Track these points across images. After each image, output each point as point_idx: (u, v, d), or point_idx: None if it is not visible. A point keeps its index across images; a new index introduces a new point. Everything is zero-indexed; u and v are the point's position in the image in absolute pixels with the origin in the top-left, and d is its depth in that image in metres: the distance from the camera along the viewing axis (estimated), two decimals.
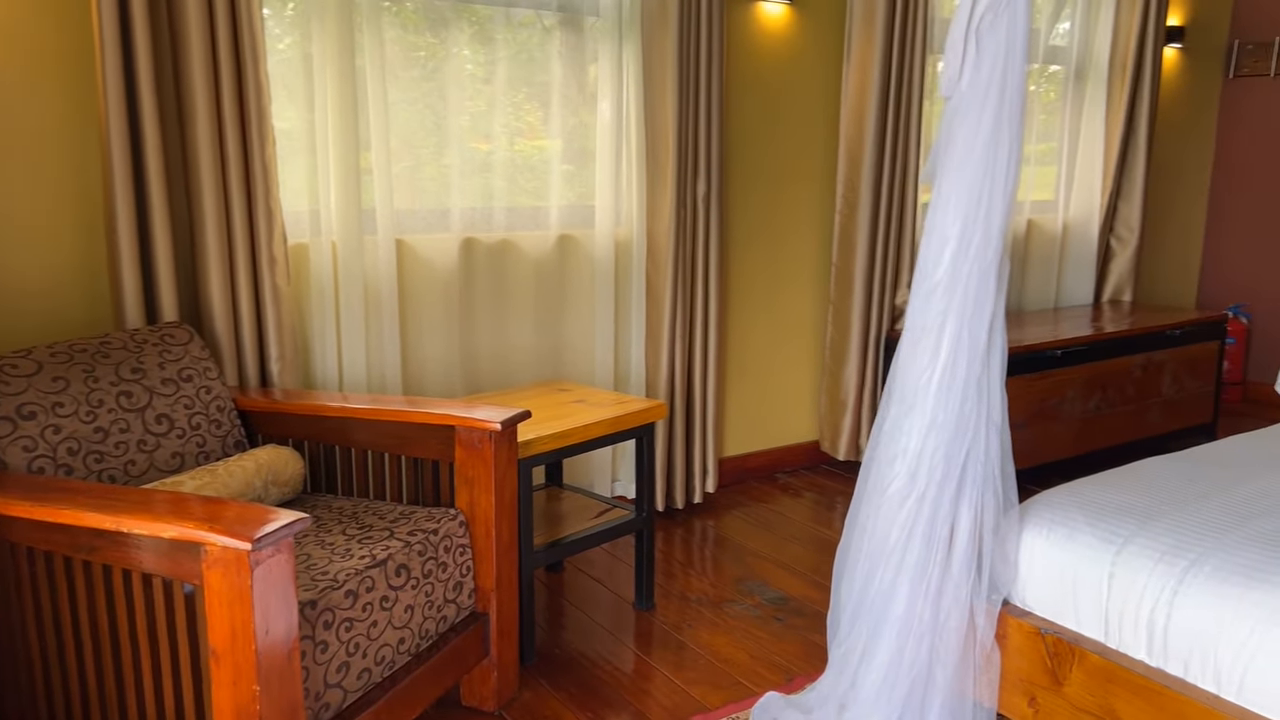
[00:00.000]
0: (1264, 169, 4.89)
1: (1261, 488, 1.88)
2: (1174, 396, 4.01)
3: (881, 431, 1.87)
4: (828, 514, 3.44)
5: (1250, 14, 4.87)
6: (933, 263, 1.78)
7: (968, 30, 1.74)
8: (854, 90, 3.58)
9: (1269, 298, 4.91)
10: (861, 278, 3.67)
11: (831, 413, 3.81)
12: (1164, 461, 2.10)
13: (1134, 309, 4.34)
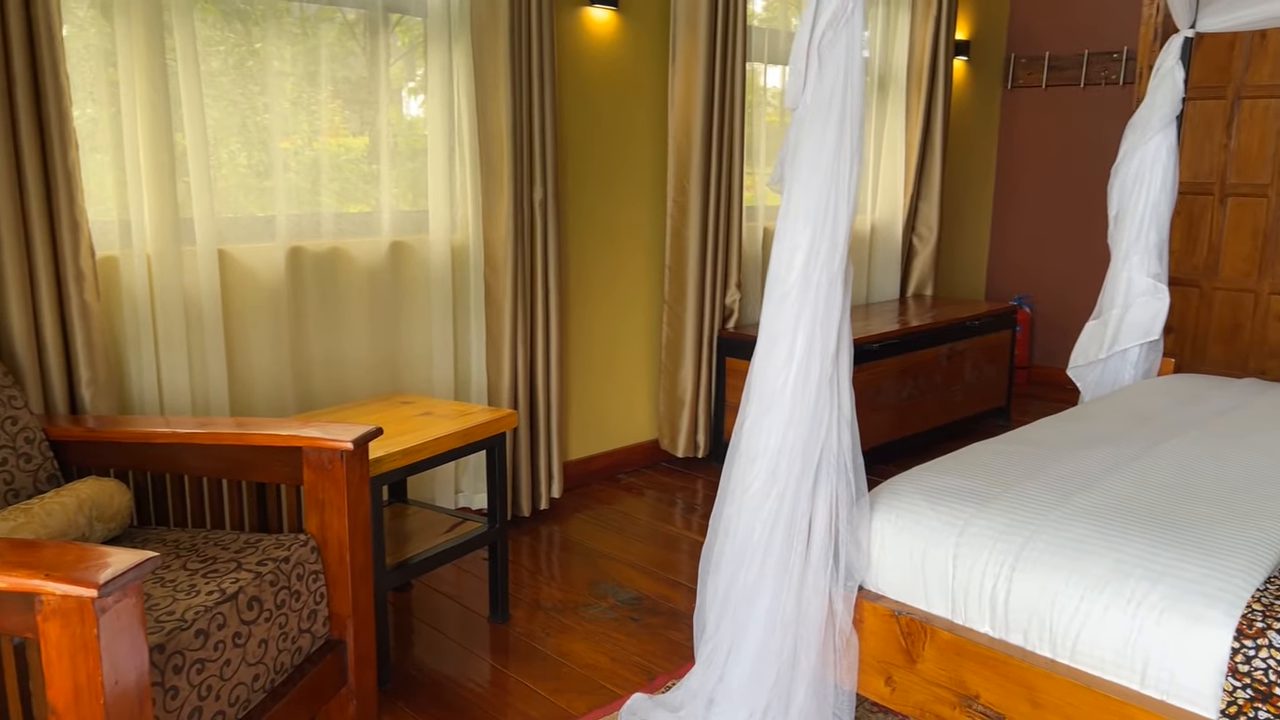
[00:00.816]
0: (1038, 171, 5.39)
1: (1072, 467, 2.07)
2: (975, 382, 4.35)
3: (741, 432, 1.92)
4: (670, 510, 3.51)
5: (1023, 30, 5.35)
6: (785, 269, 1.85)
7: (810, 46, 1.82)
8: (681, 95, 3.66)
9: (1048, 288, 5.42)
10: (694, 278, 3.77)
11: (670, 411, 3.89)
12: (987, 446, 2.28)
13: (935, 303, 4.67)
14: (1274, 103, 4.68)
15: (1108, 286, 3.18)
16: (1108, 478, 1.99)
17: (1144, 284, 3.08)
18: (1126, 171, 3.10)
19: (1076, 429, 2.39)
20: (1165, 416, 2.47)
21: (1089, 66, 5.12)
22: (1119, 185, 3.13)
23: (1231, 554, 1.62)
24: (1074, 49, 5.17)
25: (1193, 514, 1.80)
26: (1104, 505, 1.84)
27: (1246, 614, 1.49)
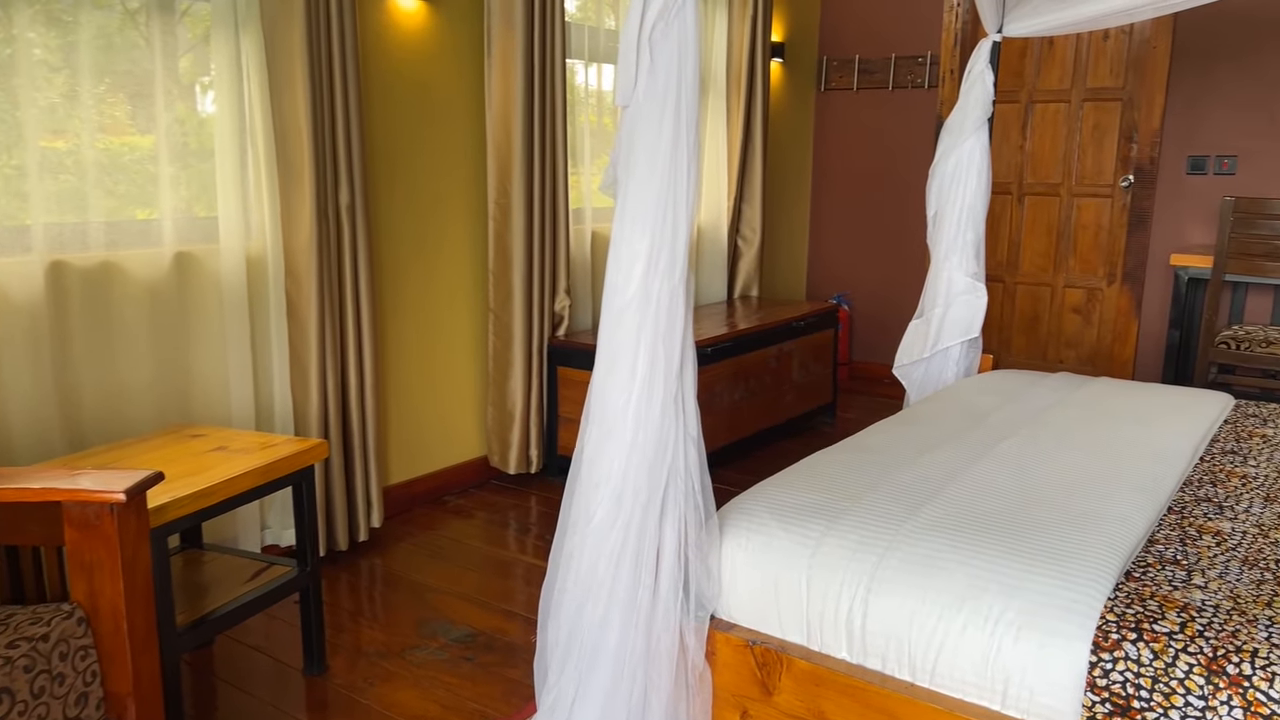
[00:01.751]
0: (851, 172, 5.52)
1: (914, 474, 2.04)
2: (802, 381, 4.37)
3: (582, 459, 1.76)
4: (502, 533, 3.31)
5: (833, 34, 5.46)
6: (623, 280, 1.70)
7: (639, 38, 1.67)
8: (499, 93, 3.46)
9: (864, 285, 5.56)
10: (520, 285, 3.58)
11: (499, 426, 3.68)
12: (827, 455, 2.22)
13: (761, 304, 4.68)
14: (1063, 106, 4.97)
15: (929, 286, 3.23)
16: (950, 485, 1.96)
17: (963, 283, 3.15)
18: (943, 173, 3.16)
19: (911, 433, 2.37)
20: (994, 416, 2.50)
21: (896, 70, 5.28)
22: (936, 186, 3.19)
23: (1080, 562, 1.60)
24: (882, 53, 5.32)
25: (1037, 520, 1.78)
26: (952, 516, 1.80)
27: (1101, 625, 1.47)
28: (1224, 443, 2.37)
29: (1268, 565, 1.65)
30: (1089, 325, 5.05)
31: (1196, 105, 4.56)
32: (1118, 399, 2.66)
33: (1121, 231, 4.87)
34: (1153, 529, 1.81)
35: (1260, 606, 1.50)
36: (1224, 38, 4.43)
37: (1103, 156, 4.89)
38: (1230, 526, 1.83)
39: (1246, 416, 2.62)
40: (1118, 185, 4.85)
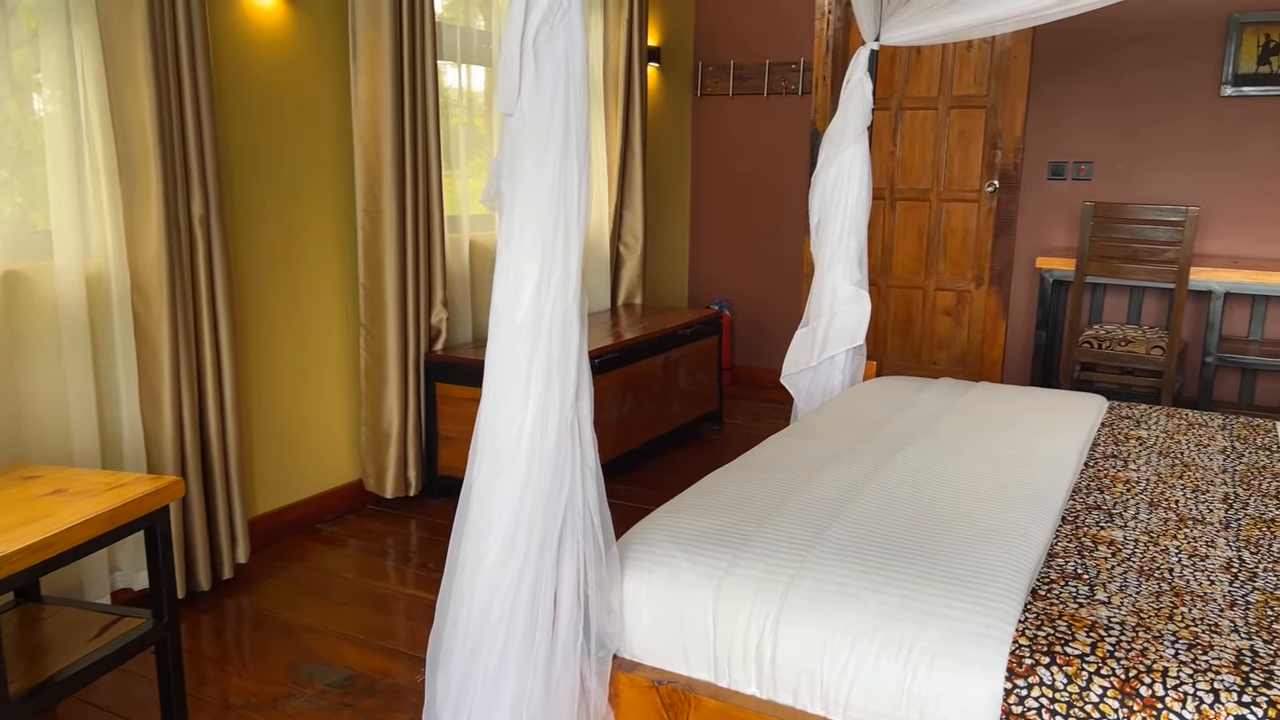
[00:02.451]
0: (729, 177, 5.52)
1: (815, 493, 1.99)
2: (689, 389, 4.33)
3: (471, 495, 1.63)
4: (380, 563, 3.12)
5: (709, 39, 5.45)
6: (511, 302, 1.58)
7: (523, 44, 1.56)
8: (366, 95, 3.27)
9: (744, 291, 5.58)
10: (394, 298, 3.39)
11: (374, 447, 3.48)
12: (726, 475, 2.15)
13: (645, 312, 4.61)
14: (930, 114, 5.09)
15: (814, 295, 3.22)
16: (852, 503, 1.92)
17: (847, 291, 3.15)
18: (825, 181, 3.15)
19: (806, 447, 2.33)
20: (885, 426, 2.49)
21: (771, 76, 5.30)
22: (819, 195, 3.18)
23: (989, 584, 1.58)
24: (756, 59, 5.33)
25: (941, 539, 1.76)
26: (857, 538, 1.76)
27: (1014, 651, 1.44)
28: (1103, 446, 2.43)
29: (1163, 575, 1.67)
30: (960, 326, 5.19)
31: (1056, 113, 4.74)
32: (1000, 405, 2.70)
33: (988, 235, 5.03)
34: (1051, 541, 1.81)
35: (1163, 621, 1.50)
36: (1080, 49, 4.62)
37: (969, 162, 5.04)
38: (1122, 535, 1.85)
39: (1120, 419, 2.70)
40: (984, 190, 5.01)
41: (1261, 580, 1.66)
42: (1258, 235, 4.40)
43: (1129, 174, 4.63)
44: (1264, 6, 4.23)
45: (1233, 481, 2.17)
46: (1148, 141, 4.56)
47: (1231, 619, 1.51)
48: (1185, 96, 4.46)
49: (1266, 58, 4.27)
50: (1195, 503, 2.03)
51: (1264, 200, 4.37)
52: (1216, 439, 2.51)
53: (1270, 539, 1.84)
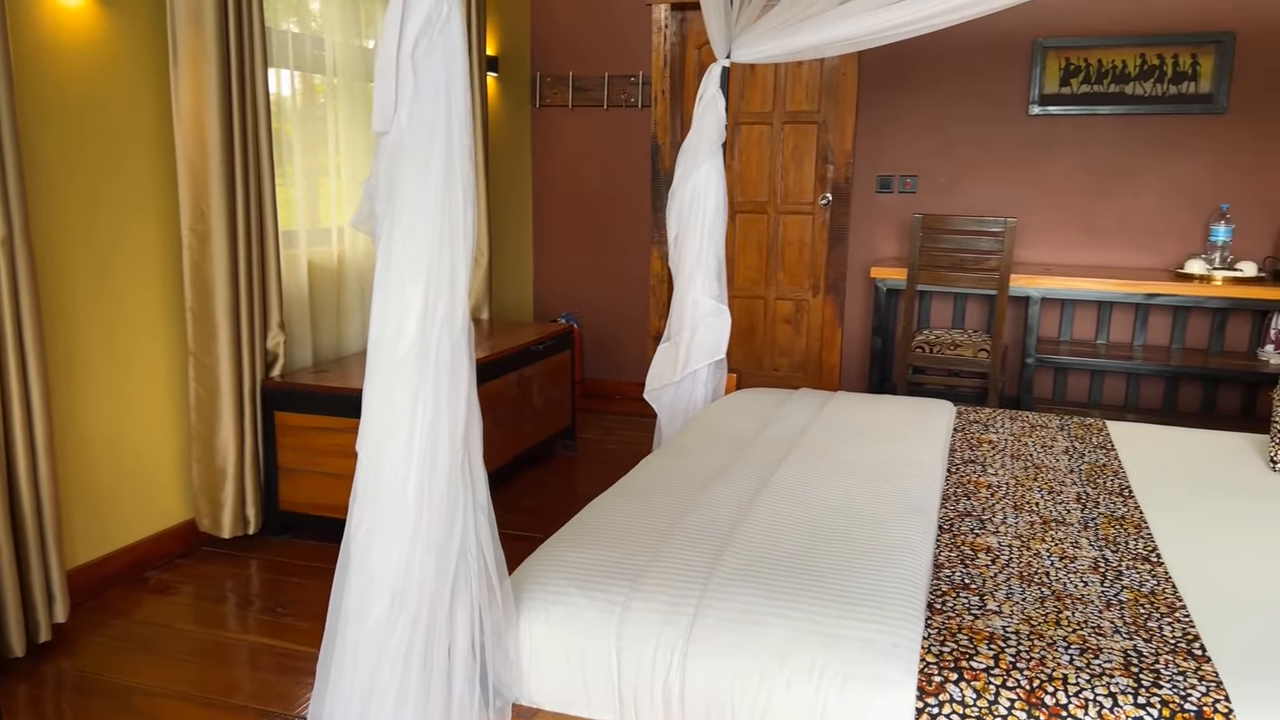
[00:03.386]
0: (572, 189, 5.48)
1: (703, 516, 1.96)
2: (543, 406, 4.24)
3: (351, 548, 1.50)
4: (219, 609, 2.87)
5: (546, 50, 5.38)
6: (393, 334, 1.46)
7: (399, 57, 1.45)
8: (190, 104, 3.01)
9: (591, 302, 5.54)
10: (225, 321, 3.14)
11: (208, 484, 3.20)
12: (610, 502, 2.09)
13: (494, 327, 4.49)
14: (765, 128, 5.22)
15: (674, 309, 3.21)
16: (743, 524, 1.90)
17: (708, 305, 3.16)
18: (682, 196, 3.15)
19: (683, 467, 2.31)
20: (758, 441, 2.50)
21: (610, 88, 5.30)
22: (677, 210, 3.18)
23: (890, 601, 1.59)
24: (595, 71, 5.31)
25: (835, 557, 1.77)
26: (755, 561, 1.74)
27: (923, 669, 1.45)
28: (960, 452, 2.53)
29: (1042, 580, 1.74)
30: (799, 334, 5.35)
31: (882, 129, 4.97)
32: (860, 414, 2.77)
33: (823, 246, 5.21)
34: (935, 552, 1.86)
35: (1051, 626, 1.56)
36: (902, 69, 4.86)
37: (803, 176, 5.20)
38: (996, 541, 1.93)
39: (969, 423, 2.83)
40: (818, 203, 5.18)
41: (1127, 579, 1.76)
42: (1065, 243, 4.76)
43: (950, 187, 4.90)
44: (1064, 31, 4.58)
45: (1081, 481, 2.31)
46: (965, 157, 4.85)
47: (1111, 620, 1.59)
48: (997, 115, 4.77)
49: (1067, 79, 4.62)
50: (1053, 504, 2.14)
51: (1068, 212, 4.73)
52: (1058, 440, 2.67)
53: (1125, 536, 1.96)
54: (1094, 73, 4.58)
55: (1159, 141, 4.55)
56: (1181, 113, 4.49)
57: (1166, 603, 1.65)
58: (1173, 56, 4.46)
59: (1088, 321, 4.72)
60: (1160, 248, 4.62)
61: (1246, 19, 4.32)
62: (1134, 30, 4.49)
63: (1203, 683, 1.39)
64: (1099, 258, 4.72)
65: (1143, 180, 4.60)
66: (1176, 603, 1.65)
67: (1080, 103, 4.62)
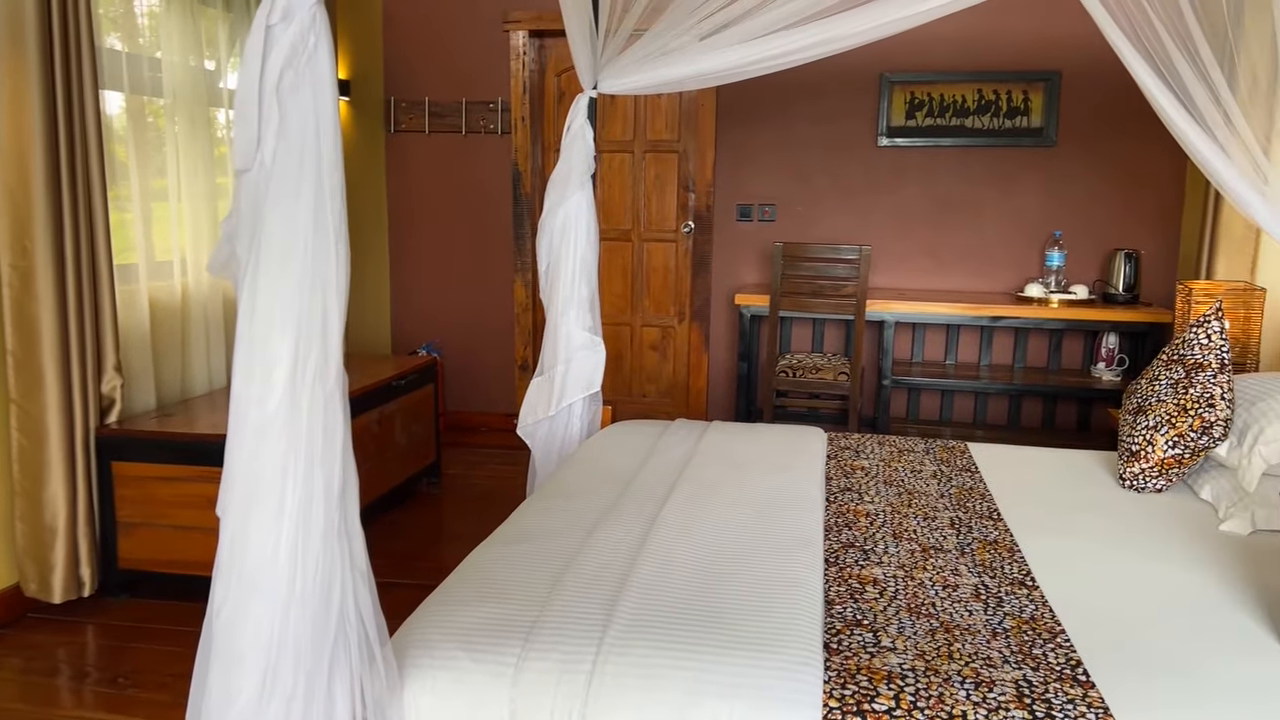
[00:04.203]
0: (431, 218, 5.33)
1: (592, 562, 1.90)
2: (405, 444, 4.07)
3: (215, 627, 1.36)
4: (51, 683, 2.60)
5: (401, 74, 5.23)
6: (260, 390, 1.34)
7: (262, 89, 1.34)
8: (9, 131, 2.74)
9: (453, 332, 5.39)
10: (54, 366, 2.86)
11: (35, 545, 2.90)
12: (492, 552, 2.00)
13: (351, 361, 4.29)
14: (627, 157, 5.23)
15: (548, 342, 3.14)
16: (635, 570, 1.85)
17: (581, 338, 3.11)
18: (552, 227, 3.10)
19: (566, 509, 2.24)
20: (639, 477, 2.46)
21: (468, 114, 5.19)
22: (547, 241, 3.12)
23: (788, 645, 1.57)
24: (453, 96, 5.20)
25: (730, 599, 1.74)
26: (650, 608, 1.69)
27: (826, 714, 1.43)
28: (837, 480, 2.57)
29: (929, 611, 1.76)
30: (666, 361, 5.37)
31: (741, 159, 5.06)
32: (738, 445, 2.78)
33: (687, 273, 5.25)
34: (825, 587, 1.86)
35: (945, 660, 1.58)
36: (758, 100, 4.97)
37: (665, 204, 5.24)
38: (881, 572, 1.95)
39: (840, 450, 2.88)
40: (680, 231, 5.23)
41: (1008, 605, 1.80)
42: (914, 270, 4.97)
43: (806, 216, 5.04)
44: (909, 67, 4.80)
45: (953, 505, 2.38)
46: (819, 186, 5.00)
47: (1000, 649, 1.62)
48: (848, 146, 4.94)
49: (913, 112, 4.84)
50: (930, 531, 2.19)
51: (916, 240, 4.94)
52: (925, 464, 2.74)
53: (1000, 561, 2.02)
54: (937, 106, 4.81)
55: (997, 172, 4.82)
56: (1016, 145, 4.77)
57: (1047, 628, 1.70)
58: (1006, 92, 4.73)
59: (937, 343, 4.93)
60: (1001, 273, 4.88)
61: (1069, 59, 4.63)
62: (971, 67, 4.74)
63: (1091, 709, 1.43)
64: (946, 283, 4.95)
65: (984, 209, 4.86)
66: (1056, 627, 1.71)
67: (925, 135, 4.84)
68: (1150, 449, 2.46)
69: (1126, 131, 4.65)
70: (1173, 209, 4.68)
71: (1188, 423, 2.40)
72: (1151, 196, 4.69)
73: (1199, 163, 2.79)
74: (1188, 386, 2.45)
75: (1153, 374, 2.60)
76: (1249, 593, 1.88)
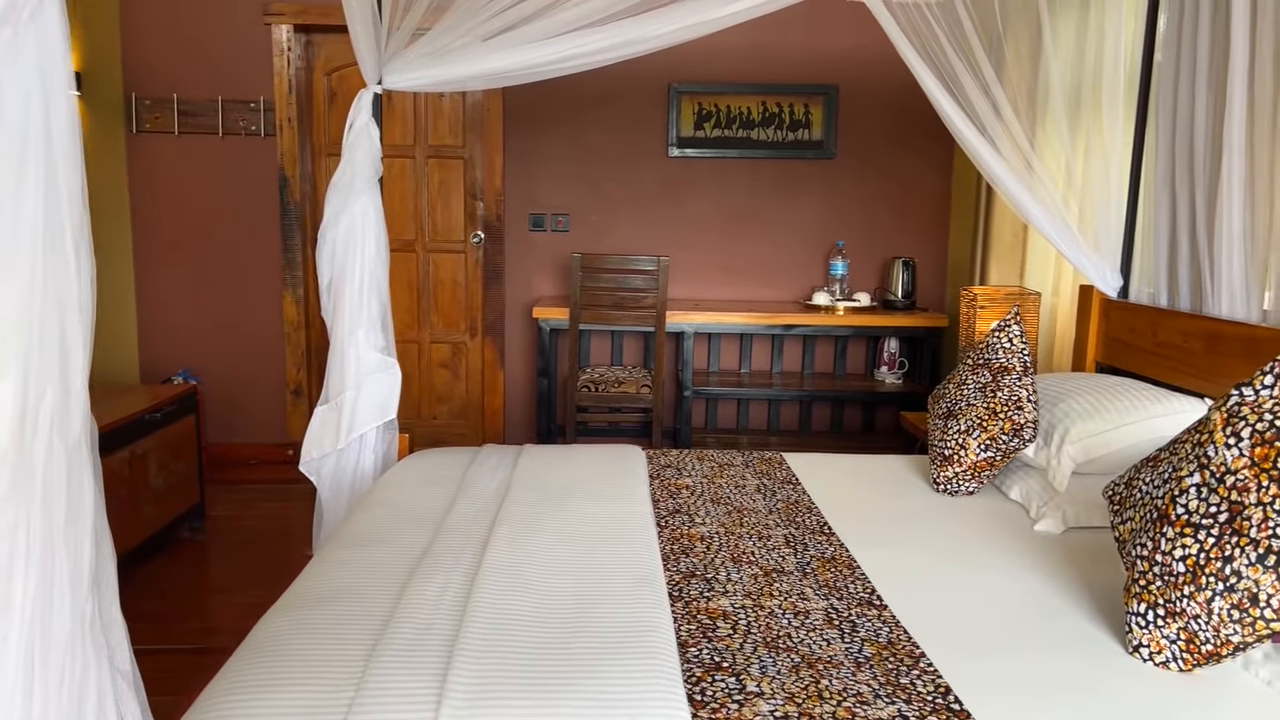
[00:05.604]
0: (185, 228, 4.76)
1: (413, 625, 1.64)
2: (163, 486, 3.56)
3: None
4: None
5: (143, 68, 4.63)
6: None
7: None
8: None
9: (213, 357, 4.84)
10: None
11: None
12: (287, 619, 1.69)
13: (93, 395, 3.71)
14: (408, 162, 4.91)
15: (334, 366, 2.81)
16: (464, 630, 1.60)
17: (373, 360, 2.80)
18: (335, 237, 2.77)
19: (373, 559, 1.95)
20: (454, 516, 2.20)
21: (226, 114, 4.68)
22: (329, 252, 2.79)
23: (650, 701, 1.39)
24: (207, 94, 4.67)
25: (578, 655, 1.53)
26: (490, 676, 1.45)
27: None
28: (664, 502, 2.43)
29: (788, 645, 1.65)
30: (458, 379, 5.08)
31: (532, 167, 4.87)
32: (556, 470, 2.58)
33: (479, 286, 4.99)
34: (675, 627, 1.70)
35: (816, 702, 1.46)
36: (547, 107, 4.80)
37: (451, 213, 4.96)
38: (729, 603, 1.81)
39: (662, 468, 2.75)
40: (470, 241, 4.96)
41: (863, 629, 1.72)
42: (708, 281, 4.97)
43: (600, 226, 4.92)
44: (696, 78, 4.79)
45: (783, 521, 2.30)
46: (613, 196, 4.90)
47: (868, 683, 1.52)
48: (641, 156, 4.88)
49: (701, 123, 4.84)
50: (767, 551, 2.09)
51: (708, 250, 4.95)
52: (748, 478, 2.66)
53: (842, 579, 1.94)
54: (724, 118, 4.84)
55: (783, 184, 4.91)
56: (800, 157, 4.88)
57: (908, 653, 1.63)
58: (789, 105, 4.84)
59: (732, 353, 4.96)
60: (789, 282, 4.98)
61: (846, 74, 4.80)
62: (755, 80, 4.81)
63: None
64: (738, 293, 4.99)
65: (771, 219, 4.93)
66: (916, 650, 1.63)
67: (714, 146, 4.86)
68: (963, 453, 2.49)
69: (898, 145, 4.87)
70: (941, 219, 4.95)
71: (999, 425, 2.45)
72: (922, 207, 4.94)
73: (976, 161, 2.92)
74: (995, 390, 2.51)
75: (959, 378, 2.65)
76: (1082, 594, 1.90)
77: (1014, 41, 3.26)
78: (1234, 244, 2.49)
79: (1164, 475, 1.72)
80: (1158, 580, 1.62)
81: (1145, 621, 1.63)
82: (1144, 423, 2.36)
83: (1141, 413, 2.38)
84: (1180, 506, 1.63)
